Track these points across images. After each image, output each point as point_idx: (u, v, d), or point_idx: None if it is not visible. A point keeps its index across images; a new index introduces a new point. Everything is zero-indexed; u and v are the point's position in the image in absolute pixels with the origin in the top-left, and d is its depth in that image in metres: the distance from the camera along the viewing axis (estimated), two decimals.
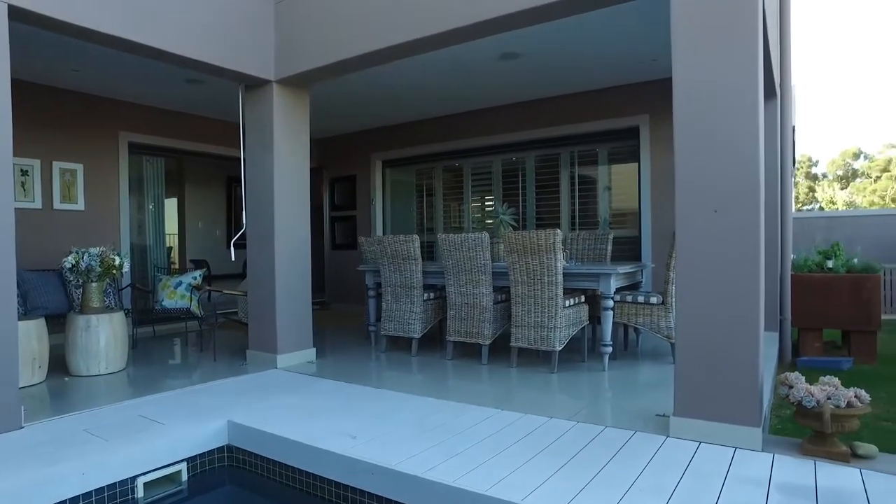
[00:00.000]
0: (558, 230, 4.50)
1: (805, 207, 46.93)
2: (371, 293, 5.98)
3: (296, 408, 3.76)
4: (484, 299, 4.96)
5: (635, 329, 5.35)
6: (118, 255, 4.97)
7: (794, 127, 13.59)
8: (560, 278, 4.52)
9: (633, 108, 6.68)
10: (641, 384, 4.41)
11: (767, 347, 5.40)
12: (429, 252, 8.20)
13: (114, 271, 4.89)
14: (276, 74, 5.01)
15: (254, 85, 5.10)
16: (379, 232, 8.96)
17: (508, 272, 4.78)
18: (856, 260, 5.88)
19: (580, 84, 6.71)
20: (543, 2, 3.54)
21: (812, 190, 51.41)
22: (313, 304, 5.52)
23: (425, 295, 5.42)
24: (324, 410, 3.70)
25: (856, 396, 2.68)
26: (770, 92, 5.54)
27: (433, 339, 5.73)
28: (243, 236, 5.33)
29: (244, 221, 5.27)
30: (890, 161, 45.72)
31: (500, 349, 5.13)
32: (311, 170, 5.53)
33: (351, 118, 8.28)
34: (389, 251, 5.47)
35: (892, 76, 64.02)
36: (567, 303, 4.63)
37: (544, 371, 4.65)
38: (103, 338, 4.72)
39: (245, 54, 4.79)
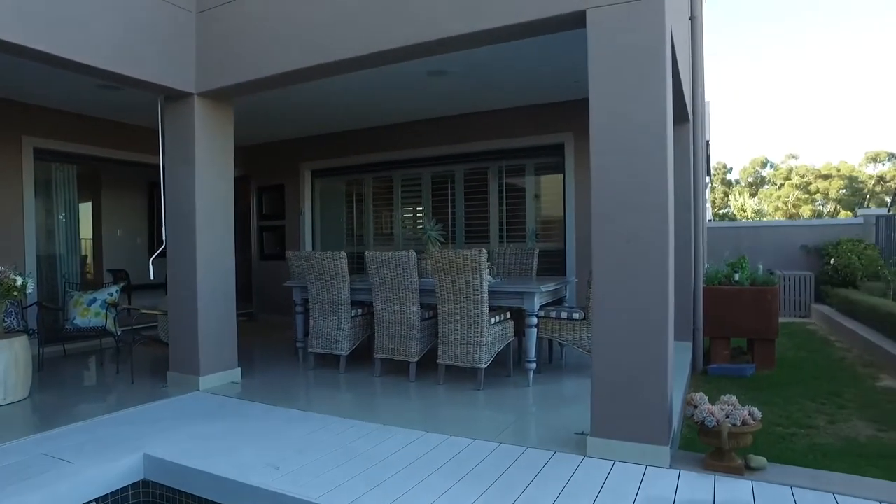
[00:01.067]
0: (483, 250, 4.59)
1: (721, 212, 49.93)
2: (298, 309, 5.89)
3: (217, 436, 3.66)
4: (411, 317, 4.99)
5: (560, 343, 5.53)
6: (20, 275, 4.66)
7: (707, 142, 14.42)
8: (485, 297, 4.62)
9: (558, 125, 6.91)
10: (564, 399, 4.57)
11: (681, 356, 5.74)
12: (360, 263, 8.15)
13: (14, 293, 4.58)
14: (197, 87, 4.85)
15: (174, 97, 4.91)
16: (308, 242, 8.82)
17: (435, 290, 4.84)
18: (761, 268, 6.34)
19: (508, 100, 6.87)
20: (470, 30, 3.61)
21: (727, 195, 54.67)
22: (240, 315, 5.38)
23: (353, 311, 5.40)
24: (247, 437, 3.62)
25: (749, 414, 2.90)
26: (683, 117, 5.88)
27: (362, 355, 5.71)
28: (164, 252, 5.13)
29: (164, 237, 5.06)
30: (791, 170, 49.35)
31: (429, 365, 5.18)
32: (238, 178, 5.40)
33: (278, 127, 8.12)
34: (316, 268, 5.41)
35: (793, 90, 69.06)
36: (493, 320, 4.74)
37: (471, 388, 4.74)
38: (2, 365, 4.40)
39: (162, 65, 4.60)
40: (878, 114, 63.59)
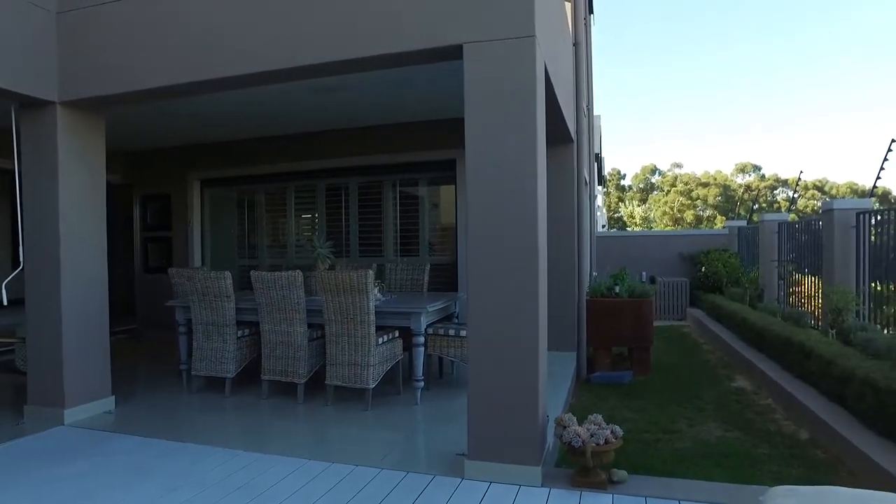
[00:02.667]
0: (370, 271, 4.60)
1: (616, 215, 53.00)
2: (182, 329, 5.59)
3: (78, 480, 3.40)
4: (298, 337, 4.90)
5: (450, 359, 5.63)
6: None
7: (597, 154, 15.17)
8: (372, 317, 4.62)
9: (449, 141, 7.02)
10: (450, 416, 4.65)
11: (565, 366, 6.03)
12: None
13: None
14: (60, 96, 4.49)
15: (31, 105, 4.51)
16: (197, 255, 8.40)
17: (323, 310, 4.78)
18: (644, 274, 6.80)
19: (401, 116, 6.91)
20: (349, 57, 3.61)
21: (621, 200, 58.12)
22: (120, 333, 5.02)
23: (239, 332, 5.21)
24: (111, 478, 3.40)
25: (612, 433, 3.11)
26: (565, 139, 6.18)
27: (249, 376, 5.52)
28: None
29: (21, 259, 4.64)
30: (676, 178, 53.37)
31: (318, 386, 5.10)
32: (119, 186, 5.05)
33: (164, 133, 7.67)
34: (200, 287, 5.17)
35: (678, 102, 74.65)
36: (380, 340, 4.75)
37: (359, 408, 4.73)
38: None
39: (14, 69, 4.20)
40: (746, 127, 70.32)
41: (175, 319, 5.65)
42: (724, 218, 46.64)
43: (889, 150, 6.32)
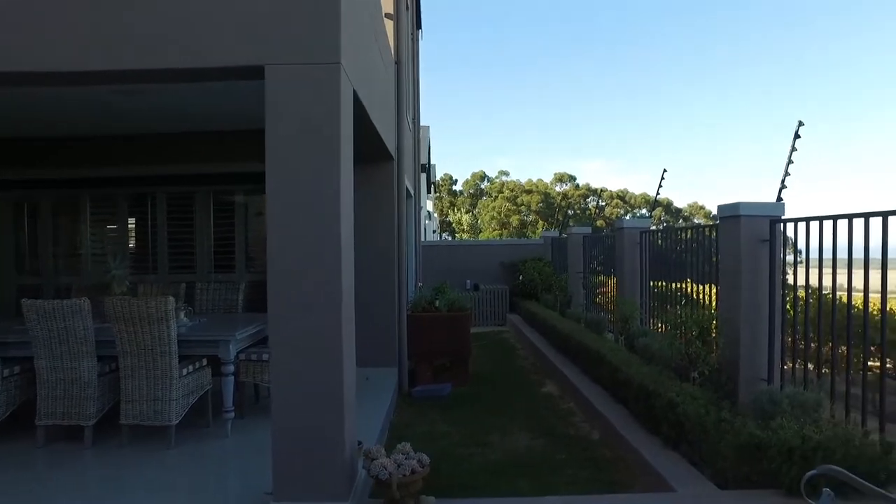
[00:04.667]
0: (171, 298, 4.21)
1: (447, 219, 55.13)
2: None
3: None
4: (86, 373, 4.32)
5: (265, 385, 5.38)
6: None
7: (424, 165, 15.61)
8: (174, 348, 4.24)
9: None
10: (262, 448, 4.36)
11: (388, 382, 6.08)
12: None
13: None
14: None
15: None
16: None
17: (115, 342, 4.28)
18: (469, 282, 7.07)
19: (214, 124, 6.44)
20: (147, 67, 3.25)
21: (453, 205, 60.57)
22: None
23: (4, 371, 4.45)
24: None
25: (418, 462, 3.17)
26: (384, 157, 6.24)
27: (20, 424, 4.67)
28: None
29: None
30: (503, 184, 57.06)
31: (112, 426, 4.53)
32: None
33: None
34: None
35: (510, 113, 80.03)
36: (185, 371, 4.38)
37: (160, 447, 4.30)
38: None
39: None
40: (566, 140, 77.63)
41: None
42: (545, 224, 50.97)
43: (663, 177, 7.34)
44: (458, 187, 64.04)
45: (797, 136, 4.53)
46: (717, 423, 3.59)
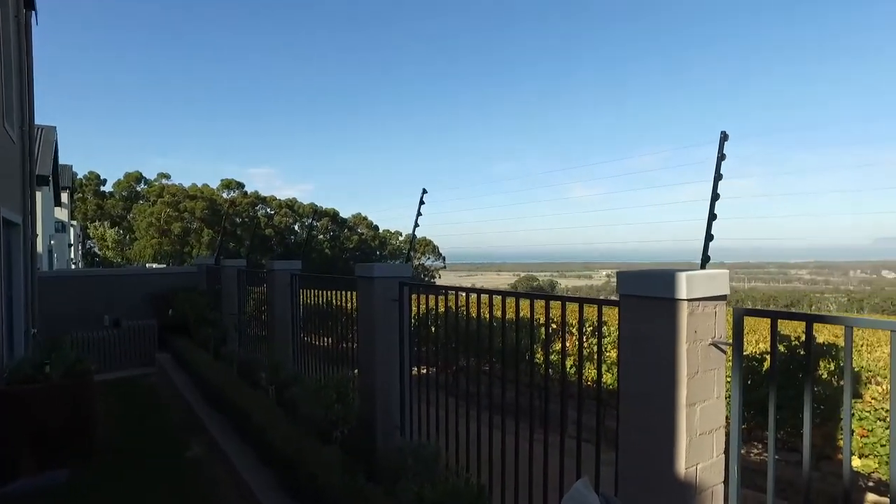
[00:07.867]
0: None
1: (95, 223, 46.85)
2: None
3: None
4: None
5: None
6: None
7: (46, 176, 12.92)
8: None
9: None
10: None
11: None
12: None
13: None
14: None
15: None
16: None
17: None
18: (107, 319, 5.90)
19: None
20: None
21: (101, 207, 51.90)
22: None
23: None
24: None
25: None
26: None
27: None
28: None
29: None
30: (164, 188, 51.49)
31: None
32: None
33: None
34: None
35: (165, 107, 72.50)
36: None
37: None
38: None
39: None
40: (234, 145, 74.12)
41: None
42: (210, 231, 47.61)
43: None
44: (107, 188, 55.24)
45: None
46: (355, 493, 3.69)
